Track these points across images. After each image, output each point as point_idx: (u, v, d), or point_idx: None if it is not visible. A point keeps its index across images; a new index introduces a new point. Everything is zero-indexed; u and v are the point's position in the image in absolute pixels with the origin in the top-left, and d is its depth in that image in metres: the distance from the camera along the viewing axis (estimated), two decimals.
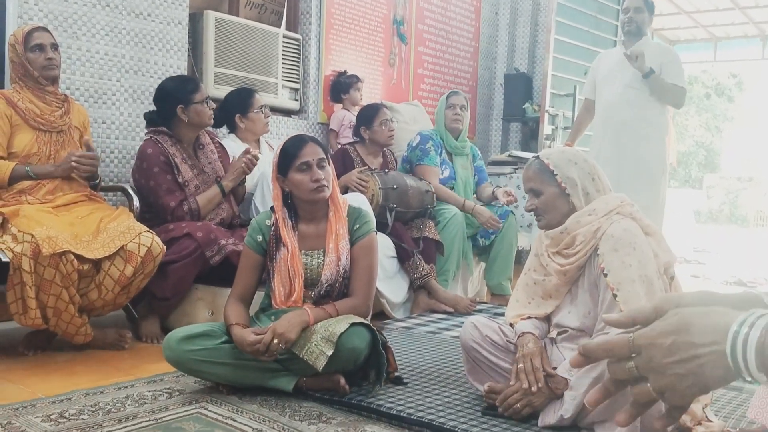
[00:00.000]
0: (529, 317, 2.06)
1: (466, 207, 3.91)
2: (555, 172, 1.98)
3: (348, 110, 4.62)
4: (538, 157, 2.05)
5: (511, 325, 2.09)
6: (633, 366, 0.71)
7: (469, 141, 4.20)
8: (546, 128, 5.74)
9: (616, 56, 4.22)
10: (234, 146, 3.46)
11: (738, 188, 21.77)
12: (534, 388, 1.88)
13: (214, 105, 3.18)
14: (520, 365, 1.92)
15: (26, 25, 2.92)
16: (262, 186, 3.41)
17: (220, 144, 3.34)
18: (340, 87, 4.71)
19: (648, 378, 0.70)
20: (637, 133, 4.05)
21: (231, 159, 3.28)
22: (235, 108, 3.59)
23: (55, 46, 2.84)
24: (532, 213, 2.05)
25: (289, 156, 2.27)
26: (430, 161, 3.98)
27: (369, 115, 3.97)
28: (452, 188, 4.03)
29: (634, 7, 4.09)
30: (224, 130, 3.73)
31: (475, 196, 4.20)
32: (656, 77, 3.94)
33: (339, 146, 4.44)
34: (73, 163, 2.77)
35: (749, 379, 0.66)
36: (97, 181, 3.02)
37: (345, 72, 4.80)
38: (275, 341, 2.04)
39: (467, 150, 4.17)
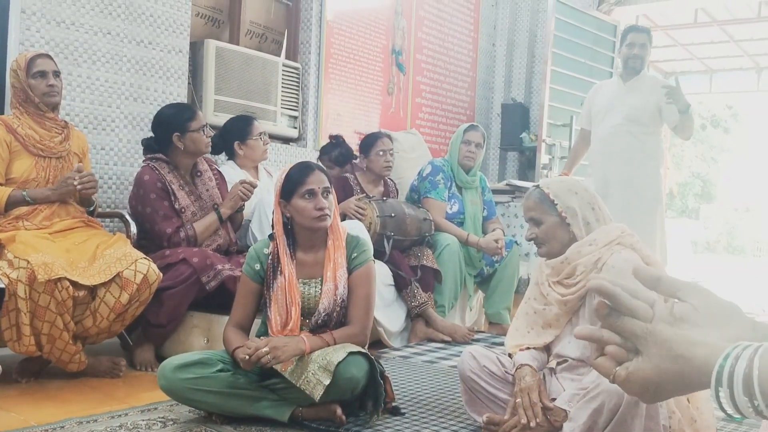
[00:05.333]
0: (528, 348, 2.04)
1: (470, 242, 3.87)
2: (555, 202, 1.98)
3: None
4: (538, 186, 2.05)
5: (509, 355, 2.08)
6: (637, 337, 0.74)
7: (479, 173, 4.14)
8: (543, 158, 5.77)
9: (613, 88, 4.24)
10: (232, 173, 3.46)
11: (735, 219, 21.83)
12: (532, 423, 1.86)
13: (211, 132, 3.19)
14: (518, 400, 1.90)
15: (29, 51, 2.93)
16: (260, 213, 3.40)
17: (218, 171, 3.34)
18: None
19: (641, 353, 0.73)
20: (634, 164, 4.07)
21: (228, 186, 3.28)
22: (234, 135, 3.60)
23: (57, 73, 2.85)
24: (533, 242, 2.05)
25: (293, 182, 2.26)
26: (437, 195, 3.93)
27: (368, 143, 3.97)
28: (461, 223, 3.98)
29: (640, 44, 4.05)
30: (223, 156, 3.73)
31: None
32: (691, 112, 3.88)
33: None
34: (78, 186, 2.75)
35: (730, 411, 0.66)
36: (94, 206, 3.02)
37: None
38: (264, 349, 2.02)
39: (477, 183, 4.11)
